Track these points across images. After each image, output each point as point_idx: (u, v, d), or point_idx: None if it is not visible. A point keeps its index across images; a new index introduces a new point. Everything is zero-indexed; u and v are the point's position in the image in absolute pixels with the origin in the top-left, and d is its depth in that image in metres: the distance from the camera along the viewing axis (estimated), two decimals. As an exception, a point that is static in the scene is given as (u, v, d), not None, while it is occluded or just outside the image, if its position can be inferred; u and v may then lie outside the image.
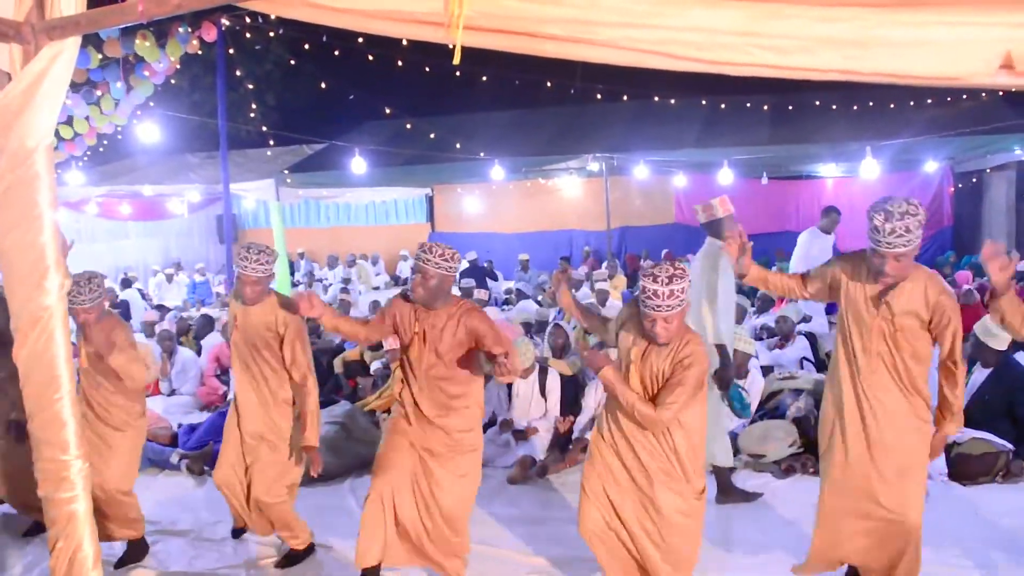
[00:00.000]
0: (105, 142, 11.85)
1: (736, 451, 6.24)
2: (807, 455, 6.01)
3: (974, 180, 16.34)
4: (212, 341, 9.38)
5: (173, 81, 11.43)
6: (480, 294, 11.20)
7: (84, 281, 4.44)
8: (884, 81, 1.83)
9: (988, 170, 15.52)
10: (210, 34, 9.77)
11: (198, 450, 6.53)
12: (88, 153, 11.92)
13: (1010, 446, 5.64)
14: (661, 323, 3.46)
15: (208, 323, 10.17)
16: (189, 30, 9.58)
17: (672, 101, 15.24)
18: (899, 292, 3.54)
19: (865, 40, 1.70)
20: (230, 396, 8.16)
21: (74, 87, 9.10)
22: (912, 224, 3.33)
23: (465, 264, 15.50)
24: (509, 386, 6.83)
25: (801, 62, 1.75)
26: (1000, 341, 6.01)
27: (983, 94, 12.58)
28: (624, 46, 1.82)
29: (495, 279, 14.59)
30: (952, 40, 1.68)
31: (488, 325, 4.18)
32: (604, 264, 13.99)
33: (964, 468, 5.61)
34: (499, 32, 1.86)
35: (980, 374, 6.12)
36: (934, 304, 3.49)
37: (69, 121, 9.45)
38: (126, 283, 15.49)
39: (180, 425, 7.16)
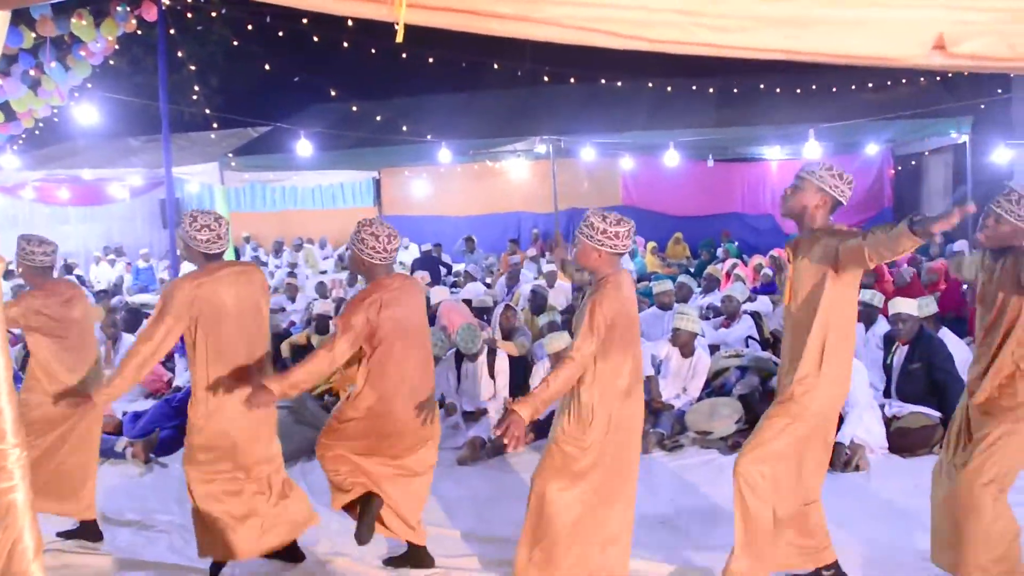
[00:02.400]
0: (42, 124, 11.53)
1: (683, 428, 6.36)
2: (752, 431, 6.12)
3: (913, 163, 16.71)
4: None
5: (112, 62, 11.20)
6: (424, 276, 11.14)
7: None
8: (823, 61, 1.86)
9: (927, 152, 15.88)
10: (150, 13, 9.56)
11: (143, 437, 6.44)
12: (24, 136, 11.62)
13: (939, 415, 5.81)
14: None
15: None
16: (128, 9, 9.36)
17: (619, 84, 15.32)
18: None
19: (804, 20, 1.73)
20: (175, 383, 8.08)
21: (6, 67, 8.85)
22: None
23: (417, 253, 15.48)
24: (458, 368, 6.85)
25: (742, 41, 1.77)
26: (914, 307, 6.25)
27: (922, 78, 12.85)
28: (567, 24, 1.82)
29: (448, 269, 14.59)
30: (887, 21, 1.71)
31: None
32: (553, 246, 14.03)
33: (903, 441, 5.79)
34: (443, 10, 1.85)
35: (901, 351, 6.32)
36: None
37: (4, 104, 9.20)
38: (67, 269, 15.13)
39: (125, 413, 7.04)
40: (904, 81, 13.16)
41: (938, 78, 12.62)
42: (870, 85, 13.28)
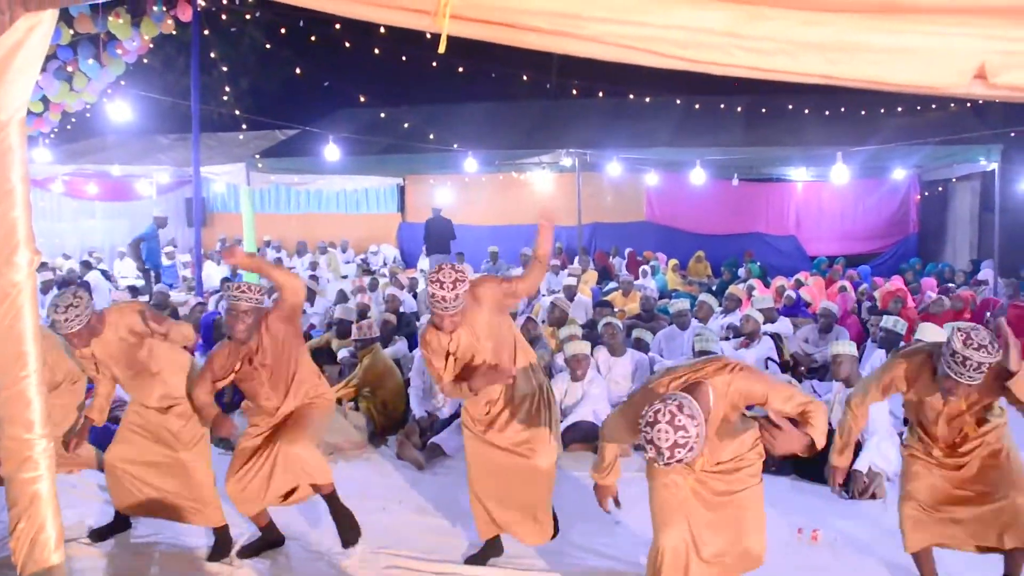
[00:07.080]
0: (73, 120, 11.68)
1: (700, 448, 6.31)
2: (767, 456, 6.08)
3: (940, 189, 16.60)
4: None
5: (146, 61, 11.30)
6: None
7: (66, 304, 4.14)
8: (864, 86, 1.85)
9: (954, 179, 15.76)
10: (185, 14, 9.66)
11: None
12: (56, 130, 11.75)
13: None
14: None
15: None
16: (164, 9, 9.47)
17: (647, 99, 15.32)
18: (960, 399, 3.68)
19: (846, 45, 1.73)
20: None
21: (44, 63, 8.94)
22: (987, 363, 3.35)
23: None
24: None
25: (783, 65, 1.77)
26: (939, 334, 6.19)
27: (952, 104, 12.76)
28: (609, 41, 1.83)
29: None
30: (928, 49, 1.71)
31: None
32: (576, 259, 14.05)
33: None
34: (484, 22, 1.86)
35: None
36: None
37: (40, 98, 9.31)
38: (87, 265, 15.24)
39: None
40: (934, 107, 13.09)
41: (968, 104, 12.53)
42: (899, 109, 13.21)
